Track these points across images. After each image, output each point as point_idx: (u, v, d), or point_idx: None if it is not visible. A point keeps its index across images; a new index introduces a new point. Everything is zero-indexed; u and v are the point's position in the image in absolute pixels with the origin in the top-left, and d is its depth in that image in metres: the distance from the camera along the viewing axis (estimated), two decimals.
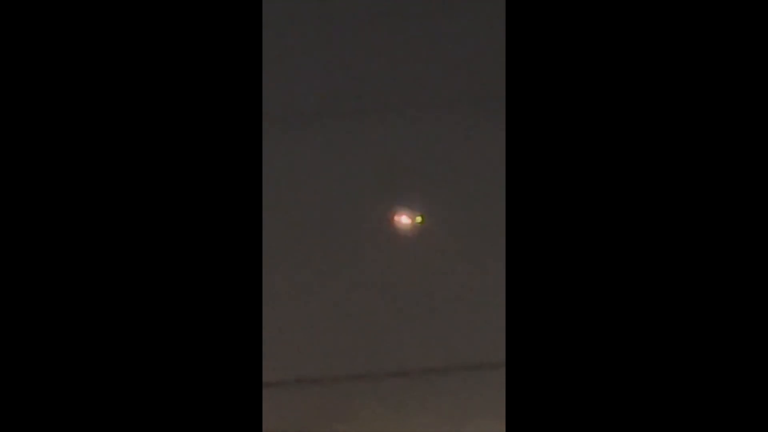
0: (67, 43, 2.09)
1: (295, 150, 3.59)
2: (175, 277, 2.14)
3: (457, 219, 3.69)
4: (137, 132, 2.13)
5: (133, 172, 2.12)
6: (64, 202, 2.06)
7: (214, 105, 2.21)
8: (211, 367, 2.18)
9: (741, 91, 1.85)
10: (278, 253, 2.97)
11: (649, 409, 1.87)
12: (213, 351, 2.17)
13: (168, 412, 2.15)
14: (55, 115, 2.07)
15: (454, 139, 3.64)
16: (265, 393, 2.29)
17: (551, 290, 1.78)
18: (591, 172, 2.03)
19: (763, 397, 1.72)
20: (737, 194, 1.84)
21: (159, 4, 2.16)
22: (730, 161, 1.89)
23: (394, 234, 3.68)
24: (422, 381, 3.63)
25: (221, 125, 2.25)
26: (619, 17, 2.01)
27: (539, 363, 1.79)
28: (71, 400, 2.13)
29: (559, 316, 1.75)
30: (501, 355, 2.15)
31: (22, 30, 2.01)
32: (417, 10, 3.57)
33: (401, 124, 3.64)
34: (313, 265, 3.64)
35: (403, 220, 3.70)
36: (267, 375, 2.29)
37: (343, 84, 3.64)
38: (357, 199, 3.63)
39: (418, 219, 3.71)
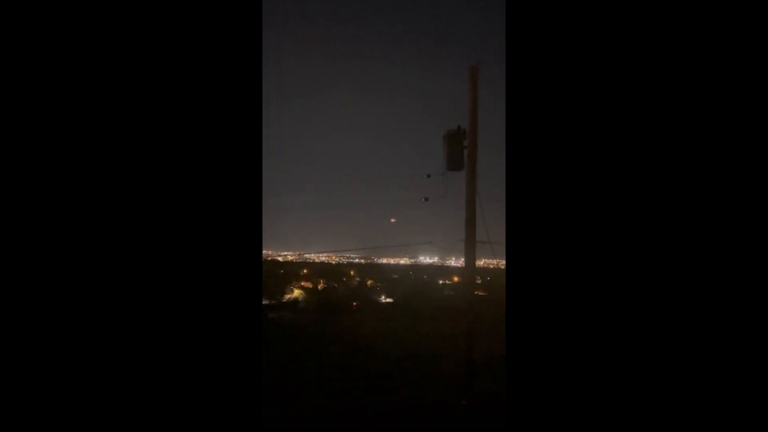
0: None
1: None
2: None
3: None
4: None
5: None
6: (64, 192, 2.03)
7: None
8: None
9: (741, 88, 1.85)
10: None
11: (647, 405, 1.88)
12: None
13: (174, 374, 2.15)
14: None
15: None
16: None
17: (551, 288, 1.77)
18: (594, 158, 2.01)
19: (760, 396, 1.75)
20: (735, 187, 1.83)
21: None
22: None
23: None
24: None
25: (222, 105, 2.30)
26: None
27: (539, 360, 1.73)
28: (74, 362, 2.13)
29: (560, 314, 1.75)
30: None
31: (35, 30, 1.94)
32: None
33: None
34: None
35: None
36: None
37: None
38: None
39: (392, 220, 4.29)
